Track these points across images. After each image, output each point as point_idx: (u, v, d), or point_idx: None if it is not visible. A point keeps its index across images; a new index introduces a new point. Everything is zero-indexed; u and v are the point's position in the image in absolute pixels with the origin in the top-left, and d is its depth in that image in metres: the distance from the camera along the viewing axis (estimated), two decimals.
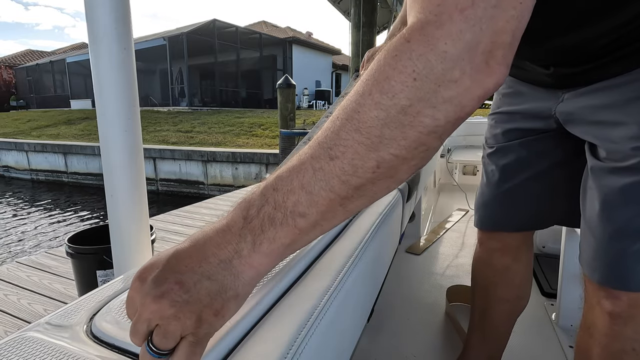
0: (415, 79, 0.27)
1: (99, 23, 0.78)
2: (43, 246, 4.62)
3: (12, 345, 0.32)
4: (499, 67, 0.28)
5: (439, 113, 0.28)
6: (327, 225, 0.32)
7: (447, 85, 0.27)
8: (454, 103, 0.28)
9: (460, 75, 0.27)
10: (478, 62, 0.28)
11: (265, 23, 20.57)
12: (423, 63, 0.27)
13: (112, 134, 0.83)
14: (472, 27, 0.27)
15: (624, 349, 0.59)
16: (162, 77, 15.63)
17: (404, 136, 0.28)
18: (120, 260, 0.92)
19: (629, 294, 0.57)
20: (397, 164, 0.30)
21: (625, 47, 0.54)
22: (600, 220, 0.59)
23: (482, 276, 0.95)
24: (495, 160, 0.84)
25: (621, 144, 0.56)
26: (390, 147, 0.29)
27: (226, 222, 0.32)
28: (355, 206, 0.32)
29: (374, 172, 0.29)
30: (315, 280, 0.43)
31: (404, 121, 0.28)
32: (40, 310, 1.72)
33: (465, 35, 0.27)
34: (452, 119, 0.29)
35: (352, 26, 5.90)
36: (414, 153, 0.29)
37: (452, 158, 2.76)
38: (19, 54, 25.75)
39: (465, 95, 0.28)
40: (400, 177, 0.31)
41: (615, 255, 0.57)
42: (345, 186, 0.30)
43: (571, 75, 0.63)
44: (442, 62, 0.27)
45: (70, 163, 8.50)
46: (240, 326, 0.34)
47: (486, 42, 0.28)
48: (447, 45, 0.27)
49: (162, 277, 0.29)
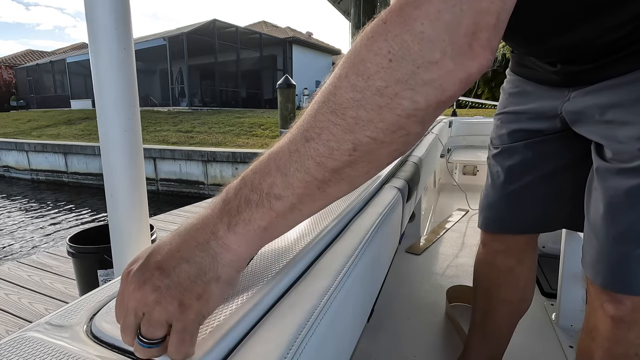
0: (391, 60, 0.27)
1: (99, 23, 0.78)
2: (44, 246, 4.63)
3: (12, 345, 0.33)
4: (482, 51, 0.27)
5: (418, 95, 0.27)
6: (306, 209, 0.32)
7: (427, 67, 0.26)
8: (434, 86, 0.27)
9: (441, 57, 0.26)
10: (460, 43, 0.26)
11: (265, 23, 20.56)
12: (399, 44, 0.27)
13: (112, 134, 0.83)
14: (451, 7, 0.26)
15: (627, 354, 0.59)
16: (162, 77, 15.63)
17: (380, 118, 0.28)
18: (120, 260, 0.92)
19: (633, 298, 0.56)
20: (374, 147, 0.29)
21: (631, 45, 0.53)
22: (604, 223, 0.58)
23: (484, 277, 0.94)
24: (501, 161, 0.83)
25: (628, 144, 0.55)
26: (366, 129, 0.28)
27: (208, 208, 0.32)
28: (335, 191, 0.31)
29: (350, 154, 0.29)
30: (315, 280, 0.43)
31: (380, 102, 0.27)
32: (41, 309, 1.72)
33: (444, 16, 0.26)
34: (433, 102, 0.28)
35: (352, 26, 5.89)
36: (393, 137, 0.29)
37: (452, 158, 2.76)
38: (19, 54, 25.77)
39: (446, 78, 0.27)
40: (380, 163, 0.31)
41: (618, 259, 0.56)
42: (321, 168, 0.29)
43: (578, 73, 0.62)
44: (419, 42, 0.26)
45: (70, 163, 8.50)
46: (240, 326, 0.34)
47: (468, 23, 0.26)
48: (423, 25, 0.26)
49: (144, 266, 0.30)
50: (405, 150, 0.31)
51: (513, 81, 0.81)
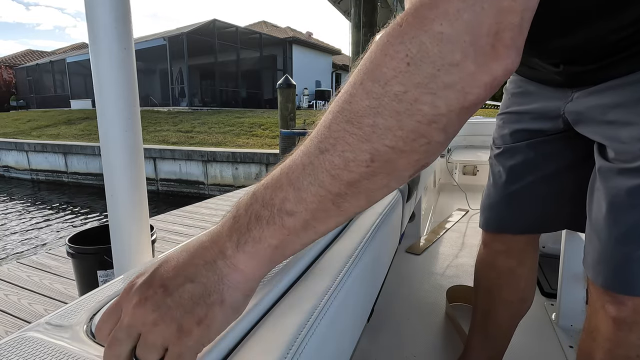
0: (409, 63, 0.25)
1: (99, 23, 0.78)
2: (43, 246, 4.63)
3: (12, 345, 0.33)
4: (506, 51, 0.26)
5: (439, 100, 0.25)
6: (320, 226, 0.30)
7: (448, 70, 0.25)
8: (456, 89, 0.25)
9: (462, 59, 0.25)
10: (482, 44, 0.25)
11: (265, 23, 20.57)
12: (417, 46, 0.25)
13: (112, 134, 0.83)
14: (471, 6, 0.24)
15: (628, 355, 0.58)
16: (162, 77, 15.63)
17: (400, 125, 0.26)
18: (120, 260, 0.92)
19: (634, 299, 0.55)
20: (393, 157, 0.27)
21: (634, 46, 0.53)
22: (606, 223, 0.58)
23: (485, 278, 0.94)
24: (503, 161, 0.83)
25: (630, 144, 0.55)
26: (385, 138, 0.26)
27: (219, 224, 0.31)
28: (351, 206, 0.29)
29: (367, 165, 0.27)
30: (315, 280, 0.43)
31: (399, 109, 0.26)
32: (40, 310, 1.72)
33: (464, 15, 0.24)
34: (455, 107, 0.26)
35: (352, 26, 5.89)
36: (413, 145, 0.27)
37: (452, 158, 2.76)
38: (19, 54, 25.76)
39: (468, 80, 0.25)
40: (400, 174, 0.29)
41: (620, 260, 0.56)
42: (336, 181, 0.27)
43: (581, 74, 0.62)
44: (438, 44, 0.25)
45: (70, 163, 8.50)
46: (240, 326, 0.34)
47: (490, 23, 0.25)
48: (442, 26, 0.25)
49: (149, 281, 0.29)
50: (428, 161, 0.29)
51: (516, 81, 0.81)
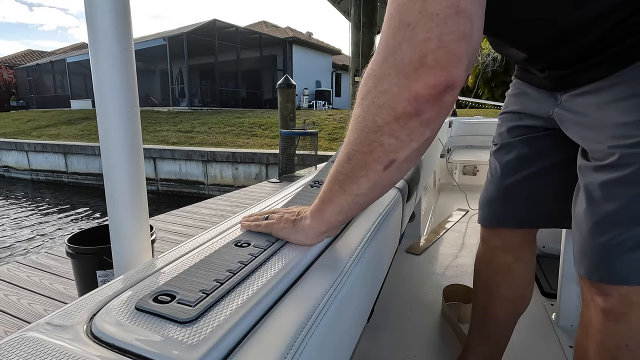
0: (362, 97, 0.42)
1: (99, 23, 0.78)
2: (43, 246, 4.63)
3: (12, 345, 0.32)
4: (427, 70, 0.35)
5: (377, 117, 0.39)
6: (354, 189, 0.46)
7: (379, 96, 0.39)
8: (385, 107, 0.38)
9: (388, 86, 0.38)
10: (405, 71, 0.36)
11: (266, 23, 20.56)
12: (366, 85, 0.41)
13: (112, 134, 0.83)
14: (393, 49, 0.37)
15: (618, 346, 0.59)
16: (162, 77, 15.62)
17: (359, 135, 0.42)
18: (120, 260, 0.92)
19: (618, 289, 0.57)
20: (361, 156, 0.42)
21: (607, 49, 0.56)
22: (585, 216, 0.61)
23: (484, 274, 0.95)
24: (499, 157, 0.87)
25: (602, 144, 0.59)
26: (354, 144, 0.43)
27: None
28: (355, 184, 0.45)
29: (348, 162, 0.44)
30: (315, 280, 0.43)
31: (357, 126, 0.42)
32: (40, 310, 1.72)
33: (388, 58, 0.38)
34: (388, 119, 0.39)
35: (352, 26, 5.90)
36: (370, 148, 0.41)
37: (452, 158, 2.76)
38: (19, 54, 25.75)
39: (394, 100, 0.38)
40: (373, 167, 0.42)
41: (599, 249, 0.58)
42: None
43: (563, 77, 0.66)
44: (374, 81, 0.40)
45: (70, 163, 8.50)
46: (240, 326, 0.34)
47: (410, 54, 0.35)
48: (374, 70, 0.40)
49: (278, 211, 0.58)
50: (385, 159, 0.41)
51: (515, 85, 0.86)
